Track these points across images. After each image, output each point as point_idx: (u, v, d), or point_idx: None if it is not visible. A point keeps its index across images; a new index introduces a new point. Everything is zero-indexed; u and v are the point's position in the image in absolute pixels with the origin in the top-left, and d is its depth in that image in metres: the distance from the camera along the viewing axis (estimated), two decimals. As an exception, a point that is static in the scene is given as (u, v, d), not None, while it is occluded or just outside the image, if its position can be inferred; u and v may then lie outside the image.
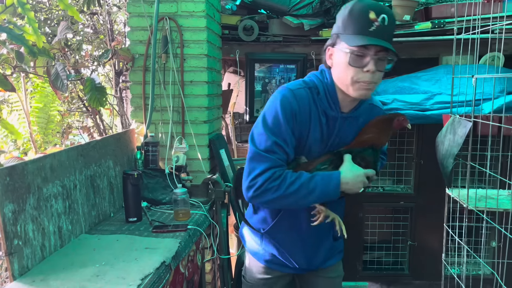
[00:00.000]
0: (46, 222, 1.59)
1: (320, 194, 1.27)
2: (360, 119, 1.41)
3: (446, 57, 2.84)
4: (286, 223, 1.50)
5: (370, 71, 1.21)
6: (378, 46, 1.19)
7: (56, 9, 3.27)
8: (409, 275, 3.00)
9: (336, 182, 1.27)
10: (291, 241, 1.52)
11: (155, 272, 1.50)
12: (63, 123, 3.91)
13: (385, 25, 1.18)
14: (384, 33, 1.19)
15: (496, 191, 1.94)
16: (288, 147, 1.29)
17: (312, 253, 1.55)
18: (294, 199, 1.28)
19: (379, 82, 1.28)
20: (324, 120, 1.32)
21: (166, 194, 2.30)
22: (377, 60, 1.21)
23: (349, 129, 1.38)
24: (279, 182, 1.26)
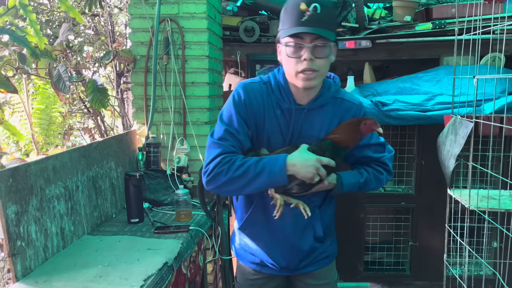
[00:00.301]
0: (48, 223, 1.60)
1: (267, 176, 1.27)
2: (326, 112, 1.39)
3: (446, 58, 2.84)
4: (258, 219, 1.49)
5: (307, 59, 1.25)
6: (314, 34, 1.23)
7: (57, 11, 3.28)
8: (411, 276, 3.00)
9: (282, 163, 1.26)
10: (266, 239, 1.51)
11: (157, 273, 1.50)
12: (64, 125, 3.91)
13: (317, 13, 1.22)
14: (318, 21, 1.23)
15: (498, 191, 1.95)
16: (239, 135, 1.34)
17: (290, 253, 1.50)
18: (244, 182, 1.29)
19: (324, 70, 1.31)
20: (279, 112, 1.37)
21: (167, 195, 2.31)
22: (314, 48, 1.25)
23: (311, 121, 1.38)
24: (228, 165, 1.29)
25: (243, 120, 1.35)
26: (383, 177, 1.48)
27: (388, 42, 2.78)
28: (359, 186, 1.44)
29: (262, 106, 1.37)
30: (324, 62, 1.29)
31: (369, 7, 3.38)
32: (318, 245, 1.52)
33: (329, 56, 1.30)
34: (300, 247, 1.49)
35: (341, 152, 1.34)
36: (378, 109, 2.57)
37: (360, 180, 1.44)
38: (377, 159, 1.47)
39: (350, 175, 1.44)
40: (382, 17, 3.21)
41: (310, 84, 1.30)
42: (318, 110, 1.39)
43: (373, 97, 2.70)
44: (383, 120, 2.62)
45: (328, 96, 1.40)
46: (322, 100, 1.39)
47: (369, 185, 1.46)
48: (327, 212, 1.53)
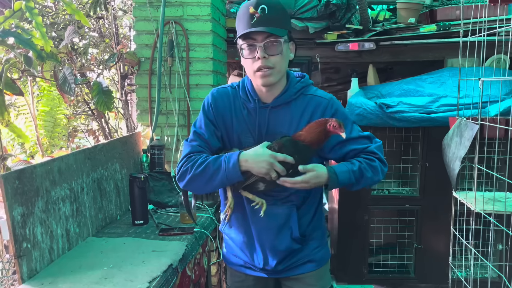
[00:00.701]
0: (54, 225, 1.60)
1: (223, 172, 1.32)
2: (294, 109, 1.41)
3: (451, 60, 2.84)
4: (235, 218, 1.50)
5: (260, 57, 1.31)
6: (264, 34, 1.30)
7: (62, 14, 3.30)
8: (415, 278, 2.99)
9: (235, 158, 1.30)
10: (243, 238, 1.51)
11: (162, 275, 1.51)
12: (69, 127, 3.93)
13: (266, 14, 1.29)
14: (267, 20, 1.29)
15: (504, 193, 1.94)
16: (206, 135, 1.42)
17: (267, 252, 1.48)
18: (205, 179, 1.34)
19: (280, 66, 1.35)
20: (245, 112, 1.43)
21: (172, 197, 2.31)
22: (265, 46, 1.31)
23: (277, 119, 1.40)
24: (191, 164, 1.36)
25: (210, 121, 1.43)
26: (376, 164, 1.40)
27: (392, 44, 2.78)
28: (355, 176, 1.37)
29: (229, 107, 1.44)
30: (279, 59, 1.34)
31: (373, 9, 3.38)
32: (297, 246, 1.48)
33: (282, 53, 1.34)
34: (276, 246, 1.47)
35: (304, 150, 1.33)
36: (382, 111, 2.56)
37: (353, 168, 1.38)
38: (363, 149, 1.43)
39: (341, 165, 1.40)
40: (386, 19, 3.21)
41: (268, 81, 1.35)
42: (285, 107, 1.41)
43: (377, 99, 2.70)
44: (387, 122, 2.61)
45: (293, 93, 1.41)
46: (286, 97, 1.41)
47: (366, 174, 1.38)
48: (308, 214, 1.50)
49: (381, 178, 1.44)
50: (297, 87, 1.43)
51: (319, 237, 1.55)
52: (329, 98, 1.45)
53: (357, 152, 1.43)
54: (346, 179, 1.36)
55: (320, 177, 1.33)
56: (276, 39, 1.31)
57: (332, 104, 1.44)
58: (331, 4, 2.83)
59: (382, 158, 1.44)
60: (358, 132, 1.46)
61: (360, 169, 1.38)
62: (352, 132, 1.43)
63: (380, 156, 1.43)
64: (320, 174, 1.33)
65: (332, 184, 1.35)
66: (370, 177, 1.39)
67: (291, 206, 1.45)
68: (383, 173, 1.44)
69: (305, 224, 1.49)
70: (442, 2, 3.14)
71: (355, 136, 1.44)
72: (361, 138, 1.45)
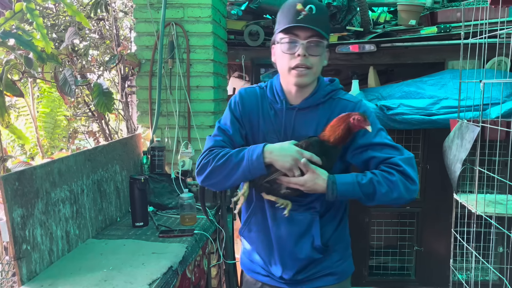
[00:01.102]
0: (54, 227, 1.60)
1: (246, 163, 1.27)
2: (321, 112, 1.36)
3: (452, 62, 2.83)
4: (256, 222, 1.46)
5: (300, 55, 1.28)
6: (308, 32, 1.27)
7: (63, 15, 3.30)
8: (416, 281, 2.98)
9: (259, 149, 1.27)
10: (263, 244, 1.45)
11: (162, 277, 1.50)
12: (69, 128, 3.93)
13: (313, 13, 1.27)
14: (313, 20, 1.27)
15: (505, 196, 1.93)
16: (230, 131, 1.40)
17: (286, 260, 1.41)
18: (226, 171, 1.30)
19: (317, 68, 1.32)
20: (272, 113, 1.40)
21: (172, 199, 2.30)
22: (307, 45, 1.28)
23: (304, 121, 1.37)
24: (213, 156, 1.33)
25: (236, 119, 1.41)
26: (395, 179, 1.24)
27: (392, 46, 2.77)
28: (363, 190, 1.25)
29: (256, 107, 1.42)
30: (317, 61, 1.31)
31: (373, 11, 3.38)
32: (318, 256, 1.40)
33: (322, 55, 1.32)
34: (295, 254, 1.40)
35: (331, 151, 1.27)
36: (383, 113, 2.56)
37: (361, 180, 1.25)
38: (385, 159, 1.28)
39: (347, 175, 1.29)
40: (387, 21, 3.20)
41: (303, 81, 1.32)
42: (312, 110, 1.38)
43: (377, 101, 2.70)
44: (388, 124, 2.61)
45: (321, 96, 1.37)
46: (315, 99, 1.37)
47: (379, 190, 1.24)
48: (332, 223, 1.43)
49: (405, 196, 1.27)
50: (327, 90, 1.39)
51: (341, 250, 1.47)
52: (356, 101, 1.39)
53: (378, 162, 1.29)
54: (349, 192, 1.26)
55: (317, 184, 1.25)
56: (319, 40, 1.29)
57: (359, 107, 1.37)
58: (332, 6, 2.83)
59: (407, 172, 1.26)
60: (384, 139, 1.32)
61: (371, 182, 1.25)
62: (376, 138, 1.32)
63: (405, 169, 1.25)
64: (318, 179, 1.25)
65: (329, 195, 1.26)
66: (385, 193, 1.24)
67: (313, 213, 1.38)
68: (409, 191, 1.26)
69: (328, 233, 1.41)
70: (443, 4, 3.14)
71: (378, 142, 1.31)
72: (386, 146, 1.31)
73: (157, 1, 2.41)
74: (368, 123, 1.25)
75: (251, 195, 1.44)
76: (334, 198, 1.27)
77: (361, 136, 1.32)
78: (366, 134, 1.31)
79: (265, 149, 1.26)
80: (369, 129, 1.25)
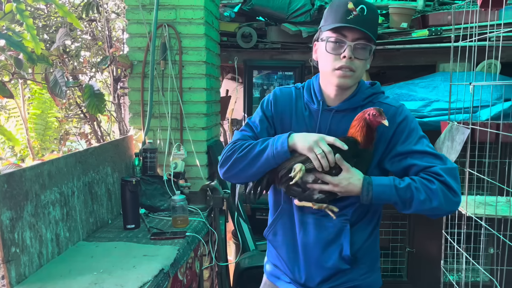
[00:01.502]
0: (43, 229, 1.58)
1: (270, 149, 1.24)
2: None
3: (443, 64, 2.86)
4: (282, 225, 1.40)
5: (346, 57, 1.22)
6: (356, 34, 1.21)
7: (54, 16, 3.28)
8: (408, 282, 2.99)
9: (285, 135, 1.25)
10: (287, 248, 1.39)
11: (153, 279, 1.49)
12: (60, 130, 3.90)
13: (364, 15, 1.20)
14: (363, 22, 1.20)
15: (495, 197, 1.95)
16: (258, 128, 1.37)
17: (310, 267, 1.36)
18: (249, 159, 1.27)
19: (360, 72, 1.26)
20: (306, 113, 1.35)
21: (164, 201, 2.30)
22: (355, 47, 1.22)
23: (340, 124, 1.31)
24: (237, 147, 1.30)
25: (266, 117, 1.38)
26: (435, 187, 1.17)
27: (384, 48, 2.79)
28: (400, 195, 1.18)
29: (290, 107, 1.37)
30: (362, 64, 1.25)
31: (365, 13, 3.39)
32: (345, 267, 1.32)
33: (367, 59, 1.26)
34: (321, 262, 1.33)
35: (362, 154, 1.21)
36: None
37: (398, 184, 1.19)
38: (426, 168, 1.21)
39: (384, 178, 1.22)
40: (379, 23, 3.22)
41: (345, 83, 1.25)
42: (350, 113, 1.29)
43: (370, 103, 2.71)
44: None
45: (361, 99, 1.30)
46: (353, 102, 1.30)
47: (417, 196, 1.17)
48: (363, 233, 1.34)
49: (445, 208, 1.20)
50: (367, 93, 1.32)
51: (370, 262, 1.38)
52: (398, 106, 1.30)
53: (418, 170, 1.22)
54: (385, 195, 1.19)
55: (352, 184, 1.19)
56: (367, 43, 1.23)
57: (401, 112, 1.28)
58: (324, 9, 2.84)
59: (449, 182, 1.18)
60: (426, 147, 1.24)
61: (409, 188, 1.18)
62: (417, 145, 1.24)
63: (446, 179, 1.18)
64: (353, 179, 1.20)
65: (364, 197, 1.19)
66: (423, 200, 1.17)
67: (344, 220, 1.31)
68: (450, 202, 1.19)
69: (358, 243, 1.33)
70: (434, 7, 3.17)
71: (419, 150, 1.23)
72: (428, 154, 1.23)
73: (150, 3, 2.40)
74: (384, 117, 1.18)
75: (279, 197, 1.40)
76: (369, 201, 1.20)
77: (401, 143, 1.25)
78: (407, 141, 1.24)
79: (290, 135, 1.24)
80: (385, 123, 1.18)
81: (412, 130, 1.25)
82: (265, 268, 1.53)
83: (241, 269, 2.32)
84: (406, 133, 1.25)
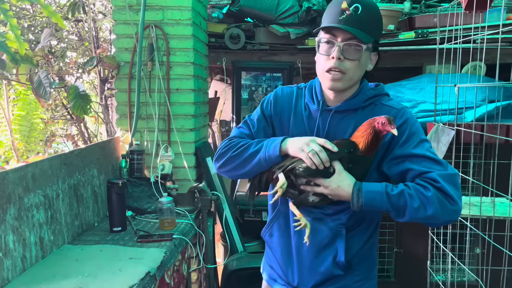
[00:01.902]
0: (27, 233, 1.55)
1: (263, 151, 1.25)
2: (361, 117, 1.26)
3: (429, 66, 2.89)
4: (278, 226, 1.39)
5: (334, 58, 1.19)
6: (347, 34, 1.18)
7: (40, 16, 3.24)
8: (396, 282, 3.01)
9: (279, 139, 1.25)
10: (282, 250, 1.39)
11: (139, 283, 1.48)
12: (46, 131, 3.84)
13: (358, 14, 1.18)
14: (356, 21, 1.18)
15: (479, 198, 1.97)
16: (255, 127, 1.37)
17: (304, 271, 1.34)
18: (243, 158, 1.28)
19: (353, 73, 1.22)
20: (306, 113, 1.33)
21: (151, 203, 2.28)
22: (344, 47, 1.19)
23: (340, 124, 1.28)
24: (233, 144, 1.32)
25: (264, 116, 1.37)
26: (430, 194, 1.12)
27: (372, 50, 2.80)
28: (392, 202, 1.14)
29: (289, 107, 1.36)
30: (354, 66, 1.21)
31: (353, 15, 3.41)
32: (338, 273, 1.30)
33: (360, 60, 1.21)
34: (315, 266, 1.32)
35: (360, 160, 1.19)
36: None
37: (391, 191, 1.14)
38: (422, 173, 1.16)
39: (376, 184, 1.18)
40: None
41: (336, 85, 1.23)
42: (351, 115, 1.27)
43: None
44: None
45: (362, 100, 1.27)
46: (354, 103, 1.27)
47: (411, 204, 1.13)
48: (359, 239, 1.32)
49: (441, 216, 1.14)
50: (368, 94, 1.28)
51: (365, 269, 1.36)
52: (400, 108, 1.26)
53: (415, 175, 1.17)
54: (376, 202, 1.15)
55: (341, 188, 1.17)
56: (357, 44, 1.19)
57: (402, 114, 1.24)
58: (312, 10, 2.85)
59: (446, 189, 1.12)
60: (426, 151, 1.19)
61: (402, 194, 1.14)
62: (416, 149, 1.19)
63: (443, 186, 1.12)
64: (343, 183, 1.17)
65: (354, 203, 1.16)
66: (417, 208, 1.12)
67: (339, 225, 1.29)
68: (446, 211, 1.13)
69: (353, 250, 1.31)
70: (420, 9, 3.20)
71: (418, 153, 1.18)
72: (426, 159, 1.18)
73: (136, 3, 2.39)
74: (394, 126, 1.14)
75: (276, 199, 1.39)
76: (359, 208, 1.16)
77: (399, 146, 1.21)
78: (405, 144, 1.20)
79: (284, 140, 1.24)
80: (394, 132, 1.14)
81: (412, 134, 1.21)
82: (262, 270, 1.52)
83: (229, 271, 2.31)
84: (405, 136, 1.21)
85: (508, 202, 2.01)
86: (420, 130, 1.24)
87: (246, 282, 2.27)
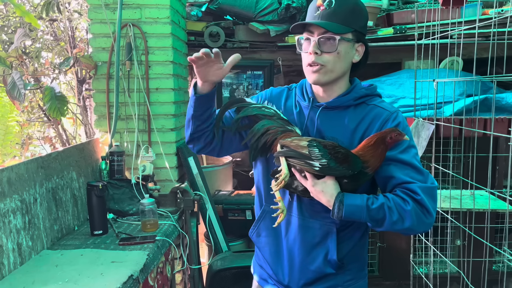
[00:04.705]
0: (4, 239, 1.51)
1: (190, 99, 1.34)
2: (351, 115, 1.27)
3: (408, 62, 2.92)
4: (266, 225, 1.38)
5: (311, 53, 1.23)
6: (322, 28, 1.21)
7: (13, 16, 3.14)
8: (380, 276, 3.04)
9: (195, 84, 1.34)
10: (272, 248, 1.38)
11: (122, 286, 1.45)
12: (22, 134, 3.74)
13: (332, 7, 1.21)
14: (330, 15, 1.21)
15: (459, 191, 2.00)
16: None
17: (294, 269, 1.34)
18: (187, 119, 1.34)
19: (333, 65, 1.23)
20: (297, 110, 1.35)
21: (133, 205, 2.24)
22: (320, 41, 1.22)
23: (330, 121, 1.28)
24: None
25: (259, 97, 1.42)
26: (409, 208, 1.14)
27: (351, 47, 2.82)
28: (371, 216, 1.15)
29: (279, 104, 1.38)
30: (332, 58, 1.22)
31: (332, 12, 3.43)
32: (330, 271, 1.30)
33: (340, 52, 1.22)
34: (305, 264, 1.32)
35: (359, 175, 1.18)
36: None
37: (371, 204, 1.15)
38: (404, 183, 1.18)
39: (357, 197, 1.18)
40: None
41: (317, 79, 1.24)
42: (341, 112, 1.28)
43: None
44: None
45: (353, 98, 1.27)
46: (344, 100, 1.27)
47: (390, 217, 1.15)
48: (350, 239, 1.32)
49: (417, 229, 1.18)
50: (360, 93, 1.28)
51: (355, 269, 1.36)
52: (393, 111, 1.26)
53: (397, 184, 1.19)
54: (356, 216, 1.16)
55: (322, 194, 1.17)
56: (331, 36, 1.20)
57: (395, 117, 1.25)
58: (291, 7, 2.85)
59: (425, 203, 1.15)
60: (412, 159, 1.20)
61: (382, 208, 1.15)
62: (403, 154, 1.20)
63: (422, 199, 1.15)
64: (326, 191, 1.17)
65: (334, 213, 1.17)
66: (396, 221, 1.15)
67: (330, 224, 1.28)
68: (422, 224, 1.17)
69: (345, 249, 1.31)
70: (398, 6, 3.23)
71: (404, 159, 1.19)
72: (410, 167, 1.19)
73: (113, 2, 2.34)
74: (404, 134, 1.17)
75: (261, 197, 1.38)
76: (339, 218, 1.17)
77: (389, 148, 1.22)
78: (394, 147, 1.20)
79: (195, 84, 1.32)
80: (406, 138, 1.17)
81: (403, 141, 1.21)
82: (253, 271, 1.51)
83: (213, 271, 2.29)
84: None
85: (487, 194, 2.05)
86: (410, 135, 1.25)
87: (231, 281, 2.26)
